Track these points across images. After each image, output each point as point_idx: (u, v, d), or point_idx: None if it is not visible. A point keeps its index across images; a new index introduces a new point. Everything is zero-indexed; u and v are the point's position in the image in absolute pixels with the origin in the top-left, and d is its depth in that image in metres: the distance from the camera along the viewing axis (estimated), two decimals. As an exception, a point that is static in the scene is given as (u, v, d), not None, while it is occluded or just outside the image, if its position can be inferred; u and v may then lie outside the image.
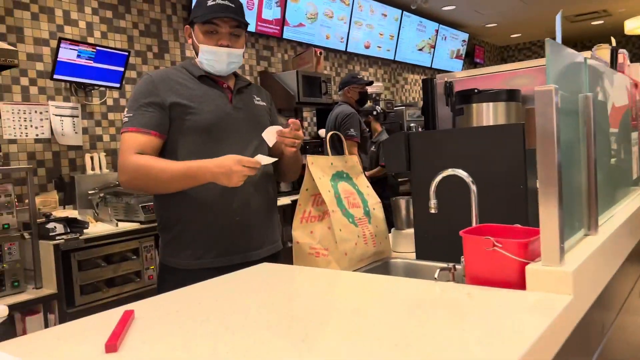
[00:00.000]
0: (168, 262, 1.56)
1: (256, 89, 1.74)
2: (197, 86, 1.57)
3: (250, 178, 1.52)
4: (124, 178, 1.48)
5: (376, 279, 1.23)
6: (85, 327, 0.98)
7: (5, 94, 3.06)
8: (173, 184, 1.46)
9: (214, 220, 1.53)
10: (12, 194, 2.52)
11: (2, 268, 2.46)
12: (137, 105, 1.50)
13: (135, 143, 1.47)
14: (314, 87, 4.73)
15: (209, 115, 1.53)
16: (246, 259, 1.54)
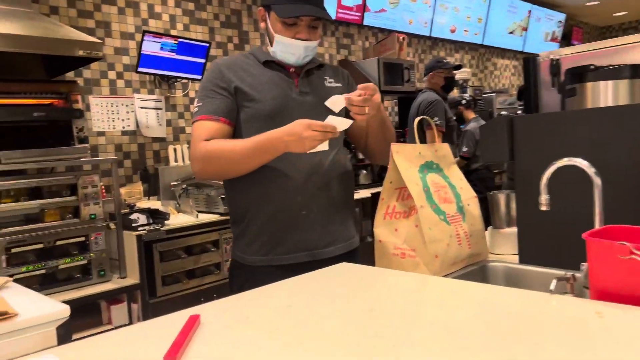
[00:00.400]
0: (237, 258, 1.49)
1: (331, 70, 1.60)
2: (262, 72, 1.48)
3: (318, 167, 1.42)
4: (196, 167, 1.42)
5: (474, 288, 1.05)
6: (148, 333, 0.89)
7: (94, 88, 3.16)
8: (246, 162, 1.37)
9: (278, 213, 1.43)
10: (98, 185, 2.58)
11: (89, 257, 2.52)
12: (205, 93, 1.44)
13: (205, 131, 1.40)
14: (395, 74, 4.52)
15: (272, 102, 1.43)
16: (315, 257, 1.43)
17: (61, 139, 2.59)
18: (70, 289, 2.45)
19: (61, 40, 2.31)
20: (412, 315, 0.90)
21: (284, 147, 1.32)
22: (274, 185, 1.42)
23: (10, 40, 2.18)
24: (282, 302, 1.01)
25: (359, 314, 0.92)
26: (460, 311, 0.90)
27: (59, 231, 2.43)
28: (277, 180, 1.41)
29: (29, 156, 2.33)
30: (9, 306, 0.88)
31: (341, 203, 1.50)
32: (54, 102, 2.61)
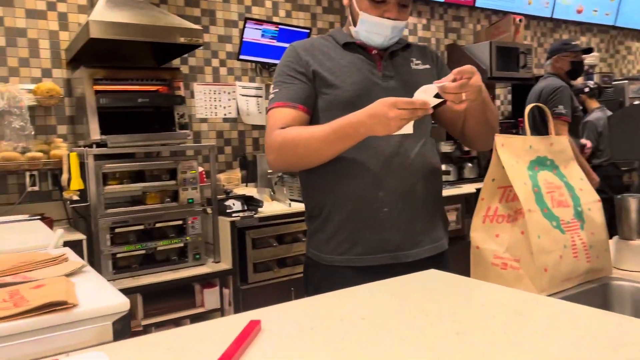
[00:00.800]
0: (312, 255, 1.38)
1: (418, 51, 1.44)
2: (341, 55, 1.34)
3: (403, 159, 1.28)
4: (271, 157, 1.31)
5: (594, 315, 0.84)
6: (203, 336, 0.82)
7: (199, 75, 3.25)
8: (325, 149, 1.25)
9: (357, 210, 1.30)
10: (197, 170, 2.64)
11: (186, 240, 2.59)
12: (282, 79, 1.34)
13: (282, 119, 1.30)
14: (510, 59, 4.14)
15: (352, 87, 1.30)
16: (398, 260, 1.29)
17: (164, 124, 2.68)
18: (167, 270, 2.54)
19: (163, 28, 2.36)
20: (506, 344, 0.73)
21: (366, 131, 1.17)
22: (354, 179, 1.30)
23: (118, 29, 2.27)
24: (355, 312, 0.89)
25: (443, 336, 0.77)
26: (571, 347, 0.72)
27: (158, 214, 2.52)
28: (357, 173, 1.29)
29: (133, 141, 2.43)
30: (73, 295, 0.85)
31: (428, 199, 1.34)
32: (160, 89, 2.71)
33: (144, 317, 2.43)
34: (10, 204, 2.65)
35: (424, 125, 1.37)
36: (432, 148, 1.39)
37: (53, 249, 1.35)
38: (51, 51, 2.77)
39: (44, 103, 2.60)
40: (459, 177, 3.90)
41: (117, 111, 2.53)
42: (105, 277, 2.38)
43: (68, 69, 2.79)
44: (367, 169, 1.29)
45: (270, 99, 1.35)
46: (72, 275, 1.02)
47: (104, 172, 2.38)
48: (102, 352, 0.74)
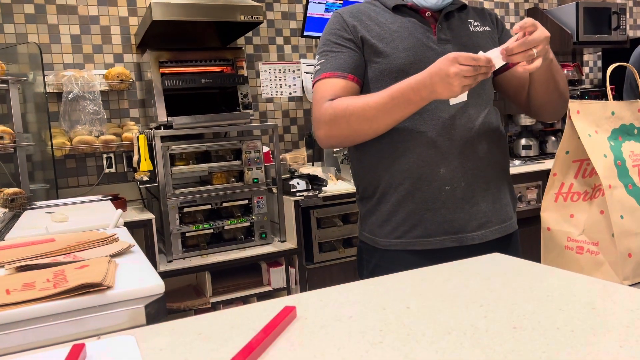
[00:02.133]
0: (365, 239, 1.29)
1: (475, 12, 1.30)
2: (391, 19, 1.22)
3: (465, 132, 1.16)
4: (321, 131, 1.21)
5: (687, 312, 0.70)
6: (235, 322, 0.78)
7: (263, 54, 3.23)
8: (381, 119, 1.13)
9: (416, 190, 1.19)
10: (261, 150, 2.63)
11: (252, 220, 2.60)
12: (329, 48, 1.23)
13: (330, 90, 1.19)
14: (600, 21, 3.75)
15: (405, 53, 1.18)
16: (463, 242, 1.18)
17: (228, 104, 2.69)
18: (234, 248, 2.57)
19: (223, 6, 2.35)
20: (572, 343, 0.62)
21: (428, 93, 1.05)
22: (411, 155, 1.19)
23: (179, 9, 2.29)
24: (400, 300, 0.81)
25: (497, 330, 0.67)
26: (656, 350, 0.60)
27: (225, 193, 2.55)
28: (414, 148, 1.18)
29: (197, 121, 2.46)
30: (112, 277, 0.84)
31: (495, 176, 1.21)
32: (224, 69, 2.71)
33: (213, 295, 2.48)
34: (90, 185, 2.79)
35: (485, 92, 1.24)
36: (497, 117, 1.26)
37: (112, 229, 1.37)
38: (122, 36, 2.86)
39: (115, 87, 2.70)
40: (540, 152, 3.62)
41: (182, 93, 2.57)
42: (175, 255, 2.46)
43: (137, 53, 2.88)
44: (426, 144, 1.18)
45: (316, 71, 1.24)
46: (118, 256, 1.02)
47: (171, 153, 2.44)
48: (132, 336, 0.72)
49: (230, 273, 2.58)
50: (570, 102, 0.97)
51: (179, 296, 2.51)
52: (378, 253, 1.25)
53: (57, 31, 2.73)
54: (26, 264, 0.98)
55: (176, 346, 0.70)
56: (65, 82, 2.55)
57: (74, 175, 2.78)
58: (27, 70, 2.52)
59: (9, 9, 2.63)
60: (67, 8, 2.75)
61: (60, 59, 2.73)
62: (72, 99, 2.55)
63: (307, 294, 0.86)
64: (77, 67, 2.74)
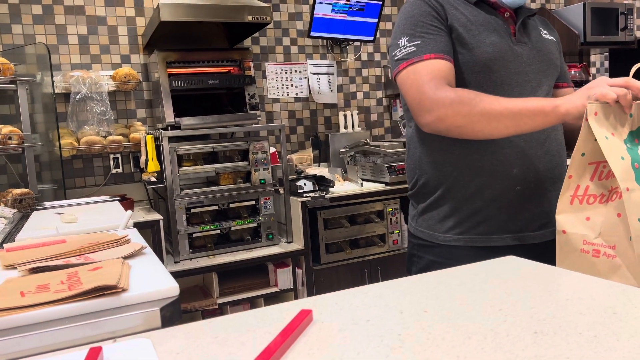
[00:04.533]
0: (421, 235, 1.28)
1: (542, 21, 1.33)
2: (475, 13, 1.21)
3: (538, 133, 1.17)
4: (434, 115, 1.11)
5: None
6: (252, 325, 0.77)
7: (270, 55, 3.22)
8: (505, 121, 1.07)
9: (487, 186, 1.20)
10: (268, 150, 2.63)
11: (259, 220, 2.60)
12: (423, 30, 1.16)
13: (440, 72, 1.12)
14: (608, 21, 3.73)
15: (490, 49, 1.17)
16: (523, 241, 1.20)
17: (235, 105, 2.69)
18: (241, 249, 2.56)
19: (230, 7, 2.34)
20: (595, 348, 0.62)
21: (564, 101, 1.02)
22: (486, 153, 1.18)
23: (186, 10, 2.28)
24: (418, 303, 0.80)
25: (517, 335, 0.66)
26: (682, 356, 0.59)
27: (232, 194, 2.54)
28: (490, 147, 1.17)
29: (204, 122, 2.45)
30: (126, 279, 0.84)
31: (558, 178, 1.21)
32: (231, 70, 2.71)
33: (220, 296, 2.48)
34: (97, 185, 2.80)
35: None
36: (561, 125, 1.27)
37: (122, 230, 1.37)
38: (129, 37, 2.86)
39: (123, 88, 2.70)
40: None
41: (189, 93, 2.57)
42: (182, 256, 2.46)
43: (145, 53, 2.88)
44: (502, 143, 1.18)
45: (409, 52, 1.16)
46: (130, 258, 1.02)
47: (178, 154, 2.43)
48: (148, 339, 0.71)
49: (237, 274, 2.58)
50: (589, 104, 0.96)
51: (186, 297, 2.51)
52: (436, 249, 1.25)
53: (65, 32, 2.73)
54: (39, 265, 0.98)
55: (192, 349, 0.70)
56: (73, 82, 2.56)
57: (81, 175, 2.78)
58: (35, 70, 2.53)
59: (16, 10, 2.64)
60: (74, 9, 2.75)
61: (68, 59, 2.74)
62: (79, 99, 2.55)
63: (321, 297, 0.86)
64: (85, 67, 2.74)
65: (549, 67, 1.25)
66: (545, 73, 1.24)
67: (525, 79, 1.19)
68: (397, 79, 1.20)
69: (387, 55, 3.56)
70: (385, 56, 3.55)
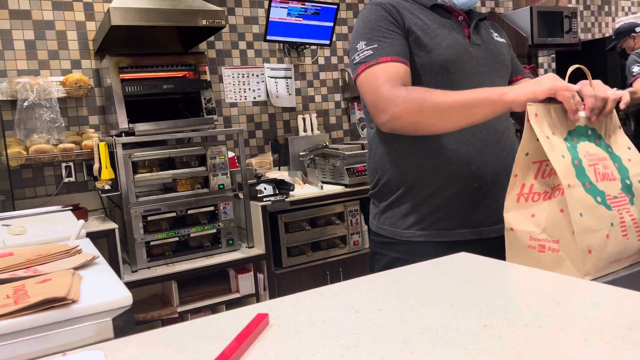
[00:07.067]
0: (384, 232, 1.31)
1: (492, 25, 1.39)
2: (431, 17, 1.26)
3: (493, 132, 1.22)
4: (388, 114, 1.13)
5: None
6: (206, 332, 0.77)
7: (226, 59, 3.20)
8: (455, 114, 1.10)
9: (447, 184, 1.24)
10: (226, 155, 2.61)
11: (218, 226, 2.57)
12: (380, 33, 1.20)
13: (396, 75, 1.15)
14: (553, 25, 3.89)
15: (447, 51, 1.21)
16: (481, 235, 1.25)
17: (191, 110, 2.65)
18: (201, 256, 2.53)
19: (184, 11, 2.32)
20: (541, 338, 0.64)
21: (511, 101, 1.05)
22: (446, 152, 1.22)
23: (138, 14, 2.24)
24: (373, 303, 0.82)
25: (468, 329, 0.69)
26: (618, 342, 0.62)
27: (190, 200, 2.51)
28: (449, 146, 1.22)
29: (159, 128, 2.41)
30: (76, 290, 0.82)
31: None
32: (186, 74, 2.68)
33: (180, 304, 2.44)
34: (48, 195, 2.70)
35: None
36: (512, 125, 1.33)
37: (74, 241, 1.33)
38: (79, 42, 2.78)
39: (74, 94, 2.62)
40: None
41: (143, 99, 2.52)
42: (140, 265, 2.40)
43: (96, 59, 2.81)
44: (460, 142, 1.22)
45: (366, 56, 1.19)
46: (82, 268, 0.99)
47: (133, 161, 2.38)
48: (100, 350, 0.70)
49: (198, 281, 2.54)
50: (529, 105, 1.00)
51: (145, 306, 2.46)
52: (398, 245, 1.28)
53: (10, 37, 2.63)
54: (-16, 280, 0.94)
55: (146, 359, 0.69)
56: (20, 89, 2.46)
57: (31, 185, 2.68)
58: (-21, 77, 2.42)
59: (-43, 14, 2.52)
60: (20, 13, 2.65)
61: (14, 65, 2.64)
62: (27, 106, 2.46)
63: (279, 300, 0.86)
64: (33, 73, 2.65)
65: (501, 68, 1.31)
66: (498, 74, 1.29)
67: (480, 80, 1.24)
68: (356, 82, 1.23)
69: (344, 58, 3.59)
70: (342, 59, 3.59)
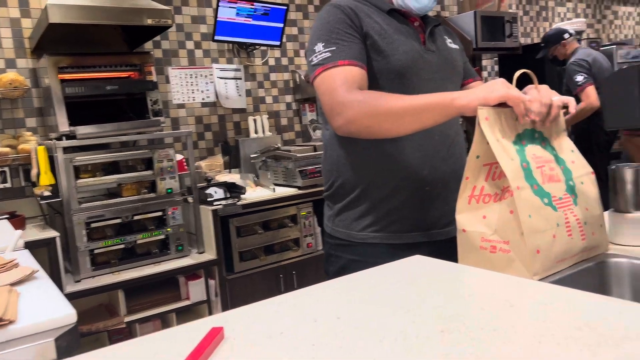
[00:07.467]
0: (338, 235, 1.32)
1: (446, 30, 1.41)
2: (388, 21, 1.26)
3: (444, 138, 1.25)
4: (344, 118, 1.13)
5: (589, 302, 0.76)
6: (160, 348, 0.73)
7: (173, 59, 3.11)
8: (409, 118, 1.11)
9: (400, 189, 1.25)
10: (174, 158, 2.53)
11: (167, 232, 2.49)
12: (338, 36, 1.19)
13: (352, 78, 1.15)
14: (495, 29, 4.03)
15: (404, 56, 1.22)
16: (432, 238, 1.28)
17: (137, 112, 2.56)
18: (149, 263, 2.45)
19: (128, 10, 2.23)
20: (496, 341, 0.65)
21: (463, 106, 1.05)
22: (400, 157, 1.24)
23: (78, 12, 2.14)
24: (331, 311, 0.80)
25: (426, 335, 0.69)
26: (569, 342, 0.64)
27: (136, 206, 2.42)
28: (404, 150, 1.24)
29: (103, 131, 2.31)
30: (13, 309, 0.76)
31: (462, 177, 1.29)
32: (131, 75, 2.58)
33: (127, 314, 2.35)
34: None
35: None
36: (462, 130, 1.37)
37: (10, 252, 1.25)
38: (14, 40, 2.62)
39: (8, 95, 2.47)
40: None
41: (85, 100, 2.41)
42: (83, 274, 2.30)
43: (33, 58, 2.65)
44: (413, 147, 1.24)
45: (324, 58, 1.18)
46: (19, 284, 0.93)
47: (74, 165, 2.27)
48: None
49: (146, 289, 2.45)
50: (479, 108, 1.02)
51: (90, 317, 2.35)
52: (353, 247, 1.28)
53: (-64, 33, 2.45)
54: None
55: (94, 381, 0.65)
56: (-53, 89, 2.30)
57: (-39, 192, 2.51)
58: None
59: None
60: (-54, 8, 2.47)
61: (-59, 64, 2.46)
62: (-44, 108, 2.30)
63: (234, 312, 0.83)
64: (-38, 73, 2.47)
65: (454, 74, 1.34)
66: (450, 80, 1.32)
67: (434, 86, 1.26)
68: (314, 84, 1.22)
69: (294, 60, 3.58)
70: (292, 61, 3.57)
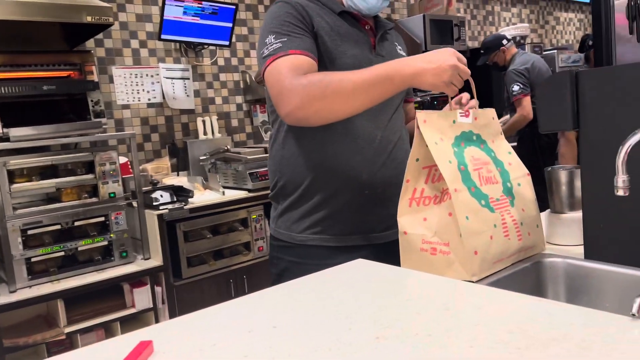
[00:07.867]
0: (280, 236, 1.31)
1: (396, 37, 1.41)
2: (338, 22, 1.25)
3: (385, 142, 1.25)
4: (291, 105, 1.11)
5: (523, 304, 0.78)
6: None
7: (117, 58, 3.00)
8: (359, 95, 1.10)
9: (340, 190, 1.25)
10: (116, 161, 2.44)
11: (110, 238, 2.40)
12: (289, 29, 1.17)
13: (300, 66, 1.13)
14: (444, 32, 4.11)
15: (351, 60, 1.21)
16: (370, 241, 1.28)
17: (78, 113, 2.45)
18: (91, 271, 2.34)
19: (66, 6, 2.13)
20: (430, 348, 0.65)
21: (410, 75, 1.08)
22: (341, 159, 1.23)
23: (11, 8, 2.02)
24: (266, 320, 0.78)
25: (362, 343, 0.67)
26: (500, 346, 0.64)
27: (77, 211, 2.31)
28: (344, 153, 1.24)
29: (39, 133, 2.20)
30: None
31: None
32: (71, 74, 2.47)
33: (68, 324, 2.24)
34: None
35: (400, 113, 1.35)
36: (407, 134, 1.36)
37: None
38: (-60, 36, 2.46)
39: None
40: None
41: (21, 101, 2.28)
42: (19, 284, 2.17)
43: (-38, 55, 2.49)
44: (355, 151, 1.24)
45: (275, 49, 1.15)
46: None
47: (9, 169, 2.15)
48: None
49: (89, 298, 2.35)
50: (418, 112, 1.02)
51: (26, 329, 2.22)
52: (294, 249, 1.28)
53: None
54: None
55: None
56: None
57: None
58: None
59: None
60: None
61: None
62: None
63: (165, 324, 0.80)
64: None
65: None
66: None
67: None
68: (264, 77, 1.19)
69: (244, 60, 3.53)
70: (242, 61, 3.52)
